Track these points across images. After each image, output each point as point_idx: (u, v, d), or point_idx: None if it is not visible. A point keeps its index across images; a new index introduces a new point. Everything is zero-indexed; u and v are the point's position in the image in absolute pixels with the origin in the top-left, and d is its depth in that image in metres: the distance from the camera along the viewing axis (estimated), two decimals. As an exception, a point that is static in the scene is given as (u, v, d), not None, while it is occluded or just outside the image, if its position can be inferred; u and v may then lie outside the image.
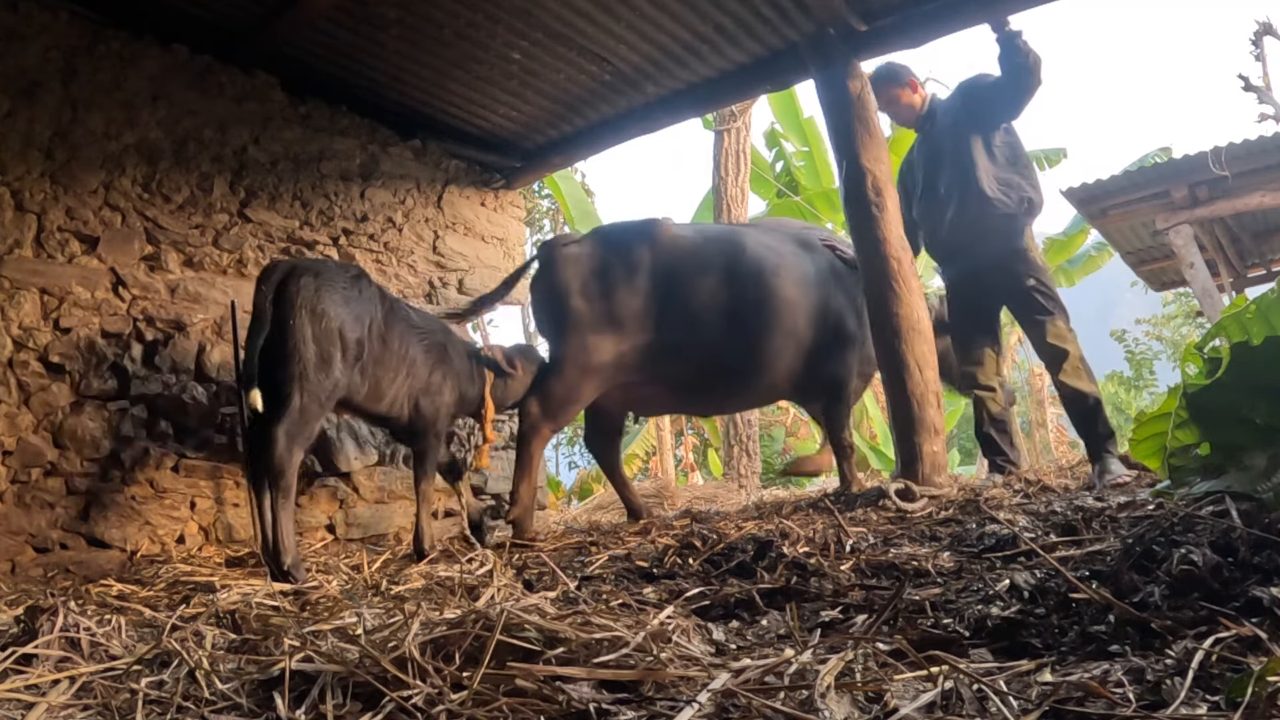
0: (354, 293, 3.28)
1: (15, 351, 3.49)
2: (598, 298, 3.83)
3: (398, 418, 3.55)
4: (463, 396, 3.80)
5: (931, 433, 3.54)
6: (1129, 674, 1.03)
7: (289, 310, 3.08)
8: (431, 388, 3.61)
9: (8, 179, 3.56)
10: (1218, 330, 1.78)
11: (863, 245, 3.77)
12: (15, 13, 3.65)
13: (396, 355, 3.45)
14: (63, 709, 1.25)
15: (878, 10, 3.81)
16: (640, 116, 4.74)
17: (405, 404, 3.54)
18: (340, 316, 3.17)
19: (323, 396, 3.10)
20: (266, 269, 3.22)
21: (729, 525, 2.91)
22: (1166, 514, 1.72)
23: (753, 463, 8.52)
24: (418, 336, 3.58)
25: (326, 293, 3.16)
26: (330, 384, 3.12)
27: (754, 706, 1.01)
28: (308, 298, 3.12)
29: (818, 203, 11.13)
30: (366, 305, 3.31)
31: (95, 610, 1.89)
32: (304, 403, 3.04)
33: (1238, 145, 6.41)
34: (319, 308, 3.12)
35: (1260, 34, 9.63)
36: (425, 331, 3.64)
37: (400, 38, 4.09)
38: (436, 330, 3.75)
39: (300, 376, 3.05)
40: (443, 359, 3.68)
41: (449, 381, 3.70)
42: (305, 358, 3.06)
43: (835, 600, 1.69)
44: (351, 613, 1.66)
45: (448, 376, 3.70)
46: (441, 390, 3.65)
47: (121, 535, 3.61)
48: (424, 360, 3.58)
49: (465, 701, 1.06)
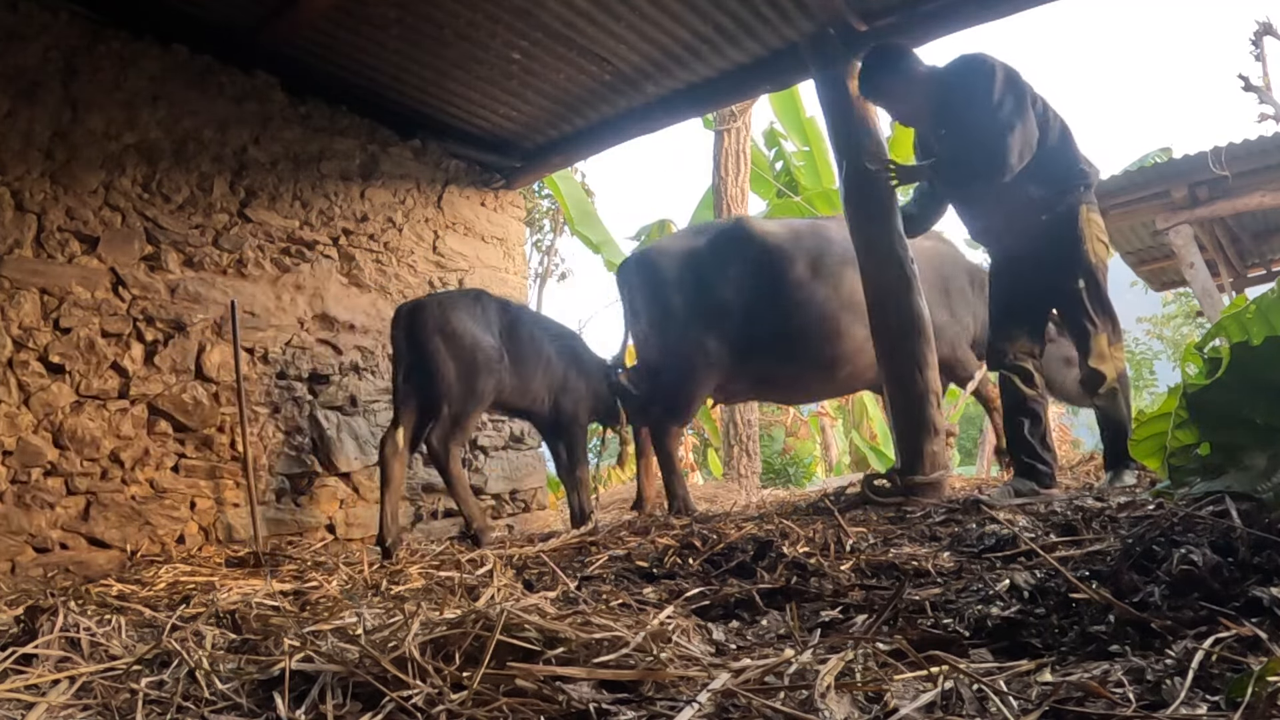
0: (477, 309, 3.83)
1: (15, 351, 3.49)
2: (696, 297, 4.05)
3: (540, 411, 4.09)
4: (597, 396, 4.22)
5: (931, 433, 3.54)
6: (1129, 674, 1.03)
7: (425, 338, 3.67)
8: (569, 385, 4.09)
9: (8, 179, 3.56)
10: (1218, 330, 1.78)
11: (863, 245, 3.76)
12: (15, 13, 3.65)
13: (532, 354, 3.95)
14: (63, 709, 1.25)
15: (878, 10, 3.81)
16: (640, 116, 4.74)
17: (546, 399, 4.05)
18: (470, 331, 3.73)
19: (470, 402, 3.71)
20: (396, 312, 3.86)
21: (729, 525, 2.91)
22: (1166, 514, 1.72)
23: (753, 463, 8.52)
24: (549, 339, 4.07)
25: (452, 314, 3.72)
26: (478, 389, 3.71)
27: (754, 706, 1.01)
28: (438, 323, 3.69)
29: (818, 203, 11.13)
30: (491, 316, 3.86)
31: (95, 610, 1.89)
32: (453, 411, 3.66)
33: (1238, 145, 6.41)
34: (449, 328, 3.68)
35: (1260, 34, 9.63)
36: (557, 335, 4.12)
37: (400, 38, 4.09)
38: (568, 336, 4.25)
39: (446, 392, 3.65)
40: (576, 361, 4.14)
41: (583, 381, 4.17)
42: (447, 375, 3.65)
43: (835, 600, 1.69)
44: (351, 613, 1.66)
45: (582, 376, 4.14)
46: (578, 388, 4.12)
47: (121, 535, 3.61)
48: (558, 360, 4.05)
49: (465, 701, 1.06)
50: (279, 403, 4.18)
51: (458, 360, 3.68)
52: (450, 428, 3.68)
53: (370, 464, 4.41)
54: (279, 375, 4.21)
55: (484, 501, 4.93)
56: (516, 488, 5.12)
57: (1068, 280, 3.19)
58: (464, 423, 3.74)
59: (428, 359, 3.66)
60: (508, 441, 5.13)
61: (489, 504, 4.96)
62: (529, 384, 3.96)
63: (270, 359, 4.19)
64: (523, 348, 3.94)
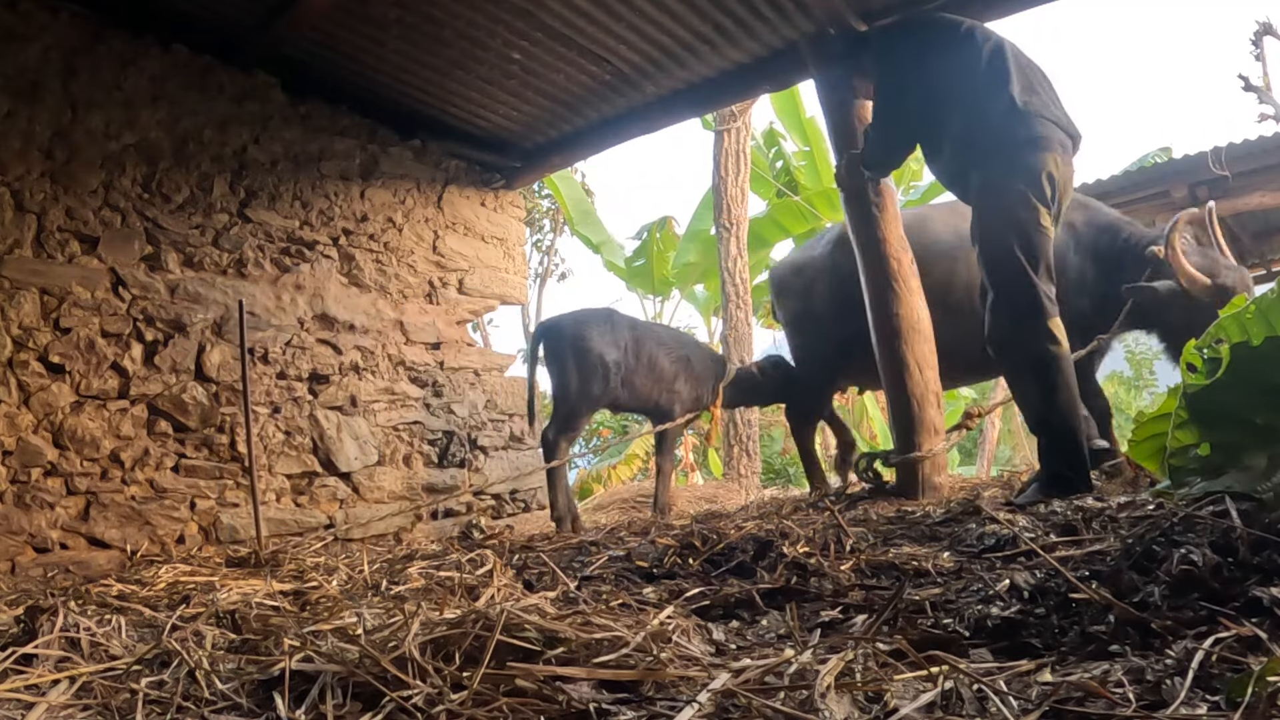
0: (607, 327, 4.50)
1: (15, 351, 3.49)
2: (825, 296, 4.40)
3: (649, 410, 4.81)
4: (697, 396, 4.83)
5: (931, 433, 3.54)
6: (1129, 674, 1.03)
7: (563, 349, 4.44)
8: (675, 388, 4.74)
9: (8, 179, 3.56)
10: (1218, 330, 1.78)
11: (862, 245, 3.77)
12: (15, 13, 3.65)
13: (645, 366, 4.62)
14: (63, 709, 1.25)
15: (878, 10, 3.81)
16: (640, 116, 4.74)
17: (654, 401, 4.72)
18: (599, 347, 4.41)
19: (583, 407, 4.45)
20: (538, 327, 4.73)
21: (729, 525, 2.91)
22: (1166, 514, 1.72)
23: (753, 463, 8.53)
24: (664, 351, 4.71)
25: (586, 331, 4.40)
26: (591, 396, 4.42)
27: (754, 706, 1.01)
28: (574, 338, 4.43)
29: (818, 202, 11.13)
30: (619, 334, 4.52)
31: (95, 610, 1.89)
32: (566, 411, 4.42)
33: (1238, 145, 6.41)
34: (581, 345, 4.39)
35: (1260, 34, 9.62)
36: (671, 347, 4.77)
37: (400, 38, 4.09)
38: (683, 344, 4.95)
39: (563, 396, 4.45)
40: (685, 367, 4.76)
41: (688, 385, 4.78)
42: (569, 384, 4.41)
43: (835, 600, 1.69)
44: (351, 613, 1.65)
45: (688, 380, 4.78)
46: (680, 391, 4.76)
47: (121, 535, 3.61)
48: (669, 368, 4.71)
49: (465, 701, 1.06)
50: (279, 403, 4.18)
51: (581, 371, 4.40)
52: (562, 425, 4.42)
53: (371, 464, 4.41)
54: (279, 375, 4.21)
55: (484, 501, 4.93)
56: (517, 488, 5.12)
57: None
58: (575, 420, 4.46)
59: (560, 368, 4.45)
60: (508, 441, 5.13)
61: (489, 504, 4.96)
62: (639, 391, 4.63)
63: (270, 359, 4.19)
64: (641, 362, 4.61)
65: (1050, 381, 2.76)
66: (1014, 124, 2.88)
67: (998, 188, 2.88)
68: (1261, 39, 9.63)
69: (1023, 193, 2.82)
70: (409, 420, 4.66)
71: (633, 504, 6.34)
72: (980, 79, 2.96)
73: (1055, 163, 2.85)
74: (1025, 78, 2.97)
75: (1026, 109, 2.88)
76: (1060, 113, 2.97)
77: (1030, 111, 2.89)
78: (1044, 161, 2.83)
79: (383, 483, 4.45)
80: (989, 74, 2.95)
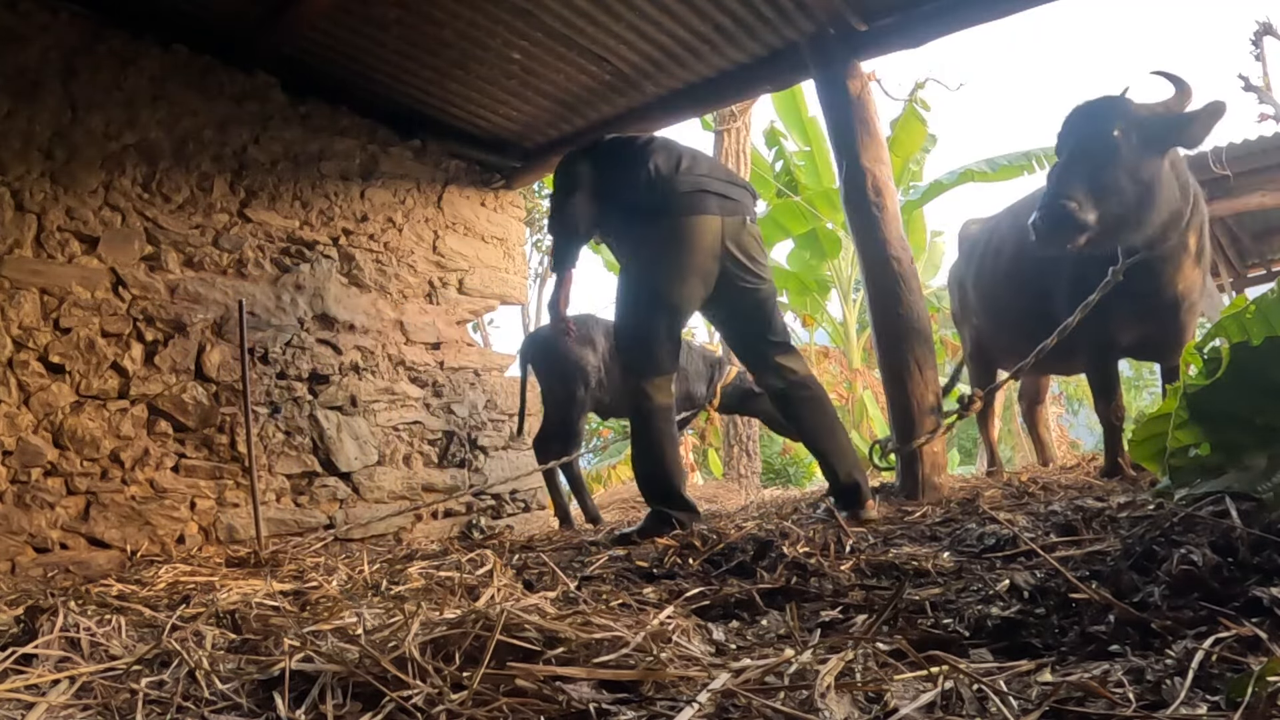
0: (584, 334, 4.58)
1: (15, 351, 3.49)
2: (956, 297, 4.84)
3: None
4: (690, 394, 4.94)
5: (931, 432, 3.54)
6: (1129, 674, 1.03)
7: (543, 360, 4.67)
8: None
9: (8, 179, 3.56)
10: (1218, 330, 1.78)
11: (863, 245, 3.77)
12: (15, 13, 3.65)
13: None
14: (63, 709, 1.25)
15: (878, 10, 3.81)
16: (640, 116, 4.74)
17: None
18: (575, 355, 4.55)
19: (574, 412, 4.63)
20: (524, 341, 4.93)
21: (729, 525, 2.91)
22: (1166, 514, 1.72)
23: (753, 463, 8.53)
24: None
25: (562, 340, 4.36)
26: (575, 402, 4.59)
27: (754, 706, 1.01)
28: (550, 349, 4.58)
29: (818, 202, 11.13)
30: (596, 339, 4.66)
31: (95, 610, 1.89)
32: (555, 418, 4.65)
33: (1238, 145, 6.41)
34: (557, 354, 4.56)
35: (1260, 34, 9.63)
36: None
37: (400, 38, 4.09)
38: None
39: (549, 404, 4.70)
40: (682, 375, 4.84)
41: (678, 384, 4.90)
42: (553, 393, 4.67)
43: (835, 600, 1.69)
44: (351, 613, 1.65)
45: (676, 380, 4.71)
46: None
47: (121, 535, 3.61)
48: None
49: (465, 701, 1.07)
50: (279, 403, 4.18)
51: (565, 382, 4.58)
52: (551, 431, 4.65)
53: (370, 464, 4.41)
54: (279, 375, 4.21)
55: (484, 501, 4.93)
56: (517, 488, 5.12)
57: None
58: (565, 428, 4.63)
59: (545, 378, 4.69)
60: (507, 441, 5.12)
61: (489, 504, 4.96)
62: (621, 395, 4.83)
63: (270, 359, 4.19)
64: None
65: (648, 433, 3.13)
66: (655, 197, 3.11)
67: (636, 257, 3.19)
68: (1261, 39, 9.63)
69: (653, 260, 3.09)
70: (409, 420, 4.67)
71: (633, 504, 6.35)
72: (631, 165, 3.21)
73: (707, 226, 3.07)
74: (674, 157, 3.19)
75: (670, 181, 3.11)
76: (722, 181, 3.22)
77: (675, 182, 3.11)
78: (690, 225, 3.06)
79: (383, 483, 4.45)
80: (637, 158, 3.19)
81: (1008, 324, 4.27)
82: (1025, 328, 3.89)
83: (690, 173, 3.15)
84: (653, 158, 3.17)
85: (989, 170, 10.81)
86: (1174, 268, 3.22)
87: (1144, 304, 3.30)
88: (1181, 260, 3.22)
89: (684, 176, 3.13)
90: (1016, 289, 3.92)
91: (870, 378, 12.27)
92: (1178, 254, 3.20)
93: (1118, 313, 3.29)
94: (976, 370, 4.88)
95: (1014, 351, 4.43)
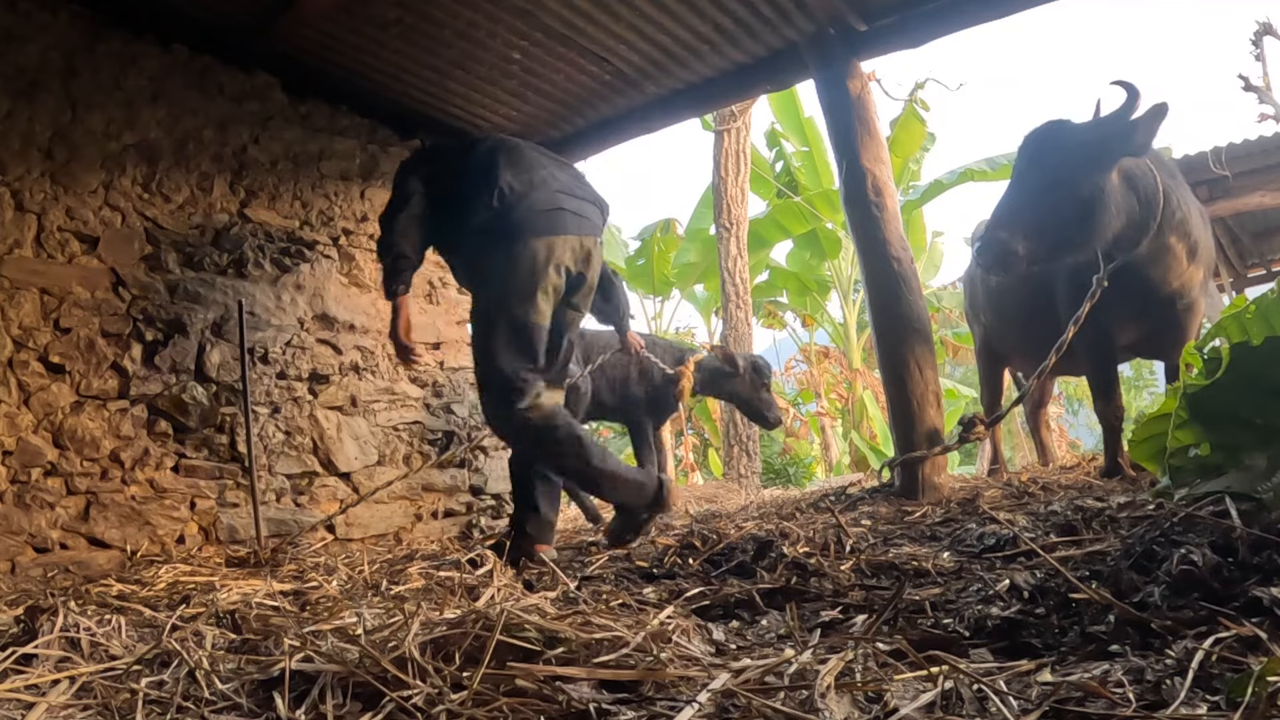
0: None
1: (15, 351, 3.49)
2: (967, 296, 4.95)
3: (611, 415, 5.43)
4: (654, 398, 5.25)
5: (930, 433, 3.54)
6: (1129, 674, 1.03)
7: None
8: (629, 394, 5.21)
9: (8, 179, 3.56)
10: (1218, 330, 1.78)
11: (863, 245, 3.77)
12: (15, 13, 3.65)
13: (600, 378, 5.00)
14: (63, 709, 1.25)
15: (878, 10, 3.81)
16: (640, 116, 4.74)
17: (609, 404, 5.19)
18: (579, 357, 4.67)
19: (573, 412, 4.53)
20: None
21: (729, 525, 2.91)
22: (1166, 514, 1.72)
23: (753, 463, 8.53)
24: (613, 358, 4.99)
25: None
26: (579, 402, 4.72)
27: (754, 706, 1.01)
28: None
29: (818, 203, 11.13)
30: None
31: (95, 610, 1.89)
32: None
33: (1238, 145, 6.41)
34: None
35: (1260, 34, 9.62)
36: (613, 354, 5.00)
37: (400, 38, 4.09)
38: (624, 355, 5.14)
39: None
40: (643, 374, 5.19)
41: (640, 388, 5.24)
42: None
43: (835, 600, 1.69)
44: (351, 613, 1.65)
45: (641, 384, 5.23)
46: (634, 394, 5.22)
47: (121, 535, 3.61)
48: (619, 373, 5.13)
49: (465, 701, 1.07)
50: (279, 403, 4.17)
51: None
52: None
53: (370, 464, 4.41)
54: (279, 375, 4.21)
55: (484, 501, 4.92)
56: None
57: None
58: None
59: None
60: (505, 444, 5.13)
61: (489, 503, 4.95)
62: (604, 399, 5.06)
63: (270, 359, 4.18)
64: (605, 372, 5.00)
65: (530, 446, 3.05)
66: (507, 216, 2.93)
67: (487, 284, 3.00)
68: (1261, 39, 9.63)
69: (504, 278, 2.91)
70: (409, 420, 4.66)
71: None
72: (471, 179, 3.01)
73: (552, 245, 2.92)
74: (524, 169, 3.02)
75: (525, 198, 2.94)
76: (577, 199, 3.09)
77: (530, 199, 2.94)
78: (537, 247, 2.90)
79: (383, 483, 4.45)
80: (480, 172, 2.99)
81: (1015, 323, 4.29)
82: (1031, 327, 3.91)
83: (546, 187, 3.00)
84: (502, 172, 2.97)
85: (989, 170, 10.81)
86: (1161, 269, 3.25)
87: (1139, 304, 3.33)
88: (1167, 261, 3.24)
89: (538, 193, 2.98)
90: (1022, 289, 3.94)
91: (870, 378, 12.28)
92: (1161, 256, 3.22)
93: (1114, 314, 3.31)
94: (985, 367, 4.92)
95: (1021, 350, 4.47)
